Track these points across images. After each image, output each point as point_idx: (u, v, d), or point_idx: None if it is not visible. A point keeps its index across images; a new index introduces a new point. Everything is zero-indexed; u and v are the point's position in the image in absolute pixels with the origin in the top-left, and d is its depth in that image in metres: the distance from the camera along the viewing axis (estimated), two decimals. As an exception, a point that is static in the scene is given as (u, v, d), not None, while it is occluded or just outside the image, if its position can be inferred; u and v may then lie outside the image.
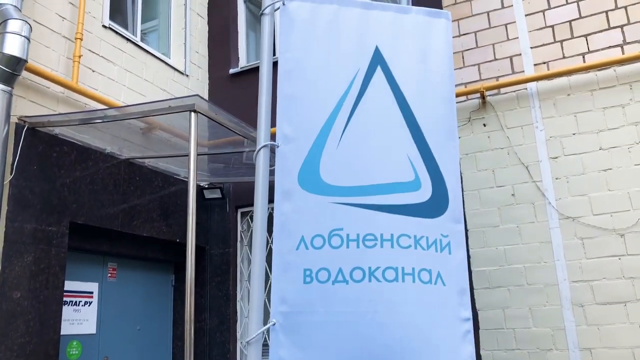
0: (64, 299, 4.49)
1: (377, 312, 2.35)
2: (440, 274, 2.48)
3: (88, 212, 4.62)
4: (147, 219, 5.22)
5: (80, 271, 4.85)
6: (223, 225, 5.99)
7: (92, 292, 4.91)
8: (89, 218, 4.62)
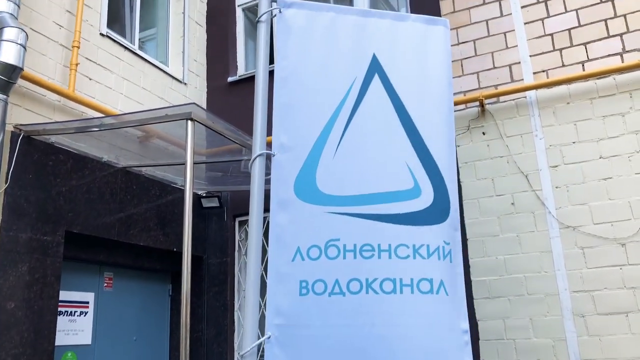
0: (59, 309, 4.44)
1: (374, 324, 2.30)
2: (443, 283, 2.42)
3: (84, 221, 4.57)
4: (143, 228, 5.17)
5: (76, 281, 4.79)
6: (221, 234, 5.95)
7: (87, 302, 4.86)
8: (85, 227, 4.58)
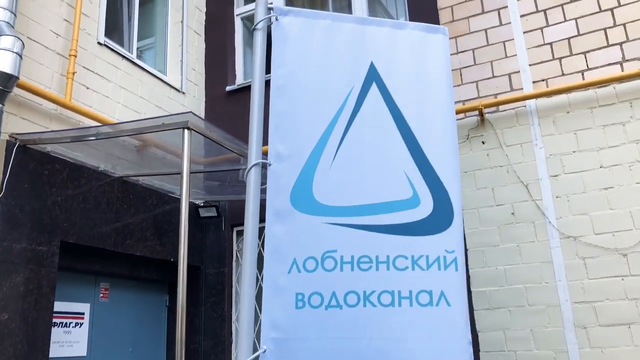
0: (53, 321, 4.37)
1: (372, 338, 2.24)
2: (444, 294, 2.36)
3: (80, 231, 4.52)
4: (140, 238, 5.12)
5: (71, 291, 4.73)
6: (218, 244, 5.90)
7: (83, 313, 4.79)
8: (81, 237, 4.53)
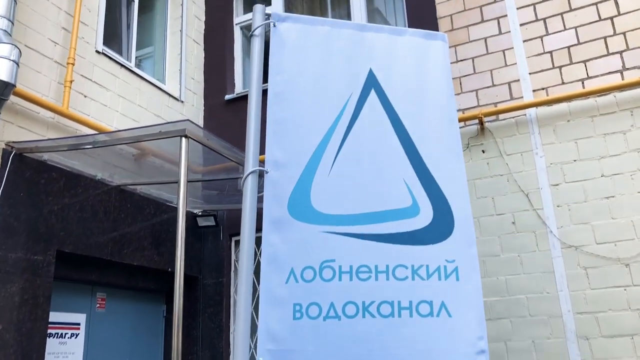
0: (48, 331, 4.31)
1: (371, 350, 2.19)
2: (445, 305, 2.31)
3: (76, 240, 4.48)
4: (137, 248, 5.07)
5: (67, 302, 4.67)
6: (216, 254, 5.84)
7: (79, 324, 4.73)
8: (77, 246, 4.48)
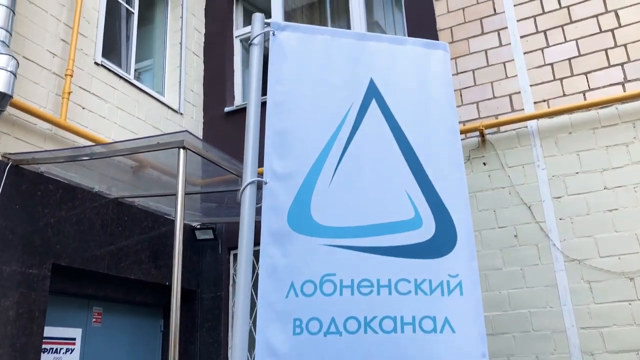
0: (43, 346, 4.23)
1: (373, 366, 2.13)
2: (449, 320, 2.24)
3: (73, 253, 4.41)
4: (135, 261, 5.00)
5: (63, 316, 4.60)
6: (215, 267, 5.77)
7: (74, 339, 4.65)
8: (74, 260, 4.41)
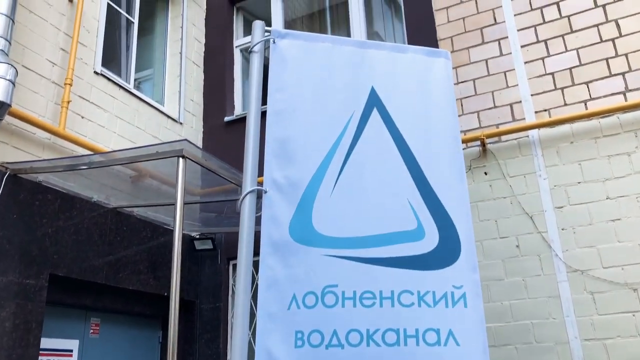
0: (40, 358, 4.17)
1: (376, 381, 2.09)
2: (453, 333, 2.19)
3: (70, 263, 4.37)
4: (133, 272, 4.96)
5: (60, 327, 4.54)
6: (214, 278, 5.72)
7: (71, 350, 4.59)
8: (71, 270, 4.37)
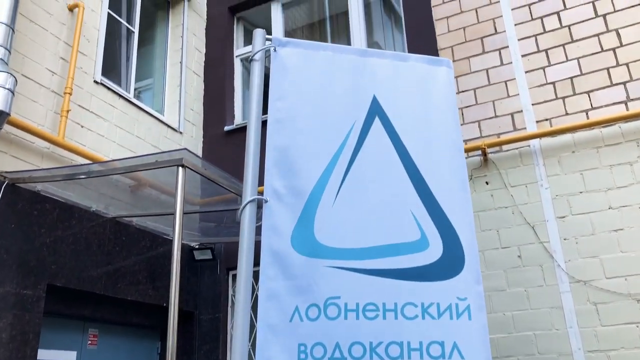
0: (36, 370, 4.13)
1: (379, 395, 2.05)
2: (457, 346, 2.15)
3: (68, 274, 4.33)
4: (132, 282, 4.91)
5: (57, 338, 4.49)
6: (213, 288, 5.68)
7: (69, 362, 4.54)
8: (69, 280, 4.33)
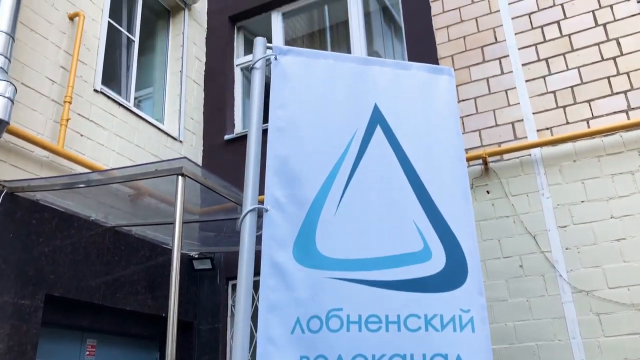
0: (34, 381, 4.08)
1: (382, 408, 2.01)
2: (461, 358, 2.11)
3: (67, 283, 4.29)
4: (131, 292, 4.87)
5: (55, 349, 4.45)
6: (213, 298, 5.63)
7: (66, 373, 4.50)
8: (68, 290, 4.29)
